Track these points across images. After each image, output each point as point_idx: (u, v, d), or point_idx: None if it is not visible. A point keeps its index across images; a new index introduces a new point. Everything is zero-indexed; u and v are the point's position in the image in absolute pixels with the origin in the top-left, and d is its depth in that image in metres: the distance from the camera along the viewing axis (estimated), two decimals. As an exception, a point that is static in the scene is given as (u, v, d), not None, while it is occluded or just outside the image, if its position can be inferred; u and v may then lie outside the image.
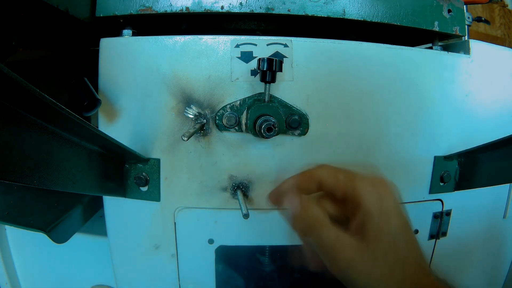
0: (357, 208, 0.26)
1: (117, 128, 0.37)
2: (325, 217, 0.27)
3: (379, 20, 0.38)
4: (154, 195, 0.38)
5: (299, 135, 0.36)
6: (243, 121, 0.36)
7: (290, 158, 0.37)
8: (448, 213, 0.44)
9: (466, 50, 0.42)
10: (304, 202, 0.28)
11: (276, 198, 0.30)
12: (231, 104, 0.35)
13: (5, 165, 0.19)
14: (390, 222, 0.25)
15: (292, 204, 0.28)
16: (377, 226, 0.25)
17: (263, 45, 0.35)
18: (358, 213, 0.26)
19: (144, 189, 0.37)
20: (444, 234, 0.45)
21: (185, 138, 0.31)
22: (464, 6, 0.43)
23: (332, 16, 0.37)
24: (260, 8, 0.36)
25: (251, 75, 0.35)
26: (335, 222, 0.27)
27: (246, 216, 0.32)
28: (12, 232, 0.60)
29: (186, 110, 0.35)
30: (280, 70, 0.32)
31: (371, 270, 0.25)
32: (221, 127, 0.36)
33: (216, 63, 0.35)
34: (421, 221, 0.44)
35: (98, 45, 0.36)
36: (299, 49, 0.36)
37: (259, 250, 0.50)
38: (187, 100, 0.36)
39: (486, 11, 1.09)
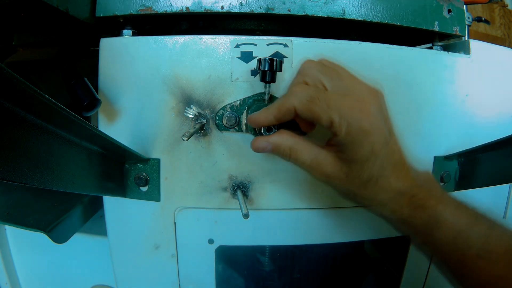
0: (333, 134, 0.28)
1: (117, 128, 0.37)
2: (297, 143, 0.29)
3: (379, 20, 0.38)
4: (154, 195, 0.38)
5: (300, 134, 0.36)
6: (243, 121, 0.36)
7: (290, 158, 0.37)
8: (448, 213, 0.44)
9: (466, 50, 0.42)
10: (274, 140, 0.30)
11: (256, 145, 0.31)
12: (231, 104, 0.35)
13: (5, 165, 0.19)
14: (363, 148, 0.26)
15: (262, 147, 0.30)
16: (350, 152, 0.27)
17: (263, 45, 0.35)
18: (333, 138, 0.28)
19: (144, 189, 0.37)
20: (444, 234, 0.45)
21: (185, 138, 0.31)
22: (464, 6, 0.43)
23: (332, 16, 0.37)
24: (260, 8, 0.36)
25: (251, 75, 0.35)
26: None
27: (246, 216, 0.32)
28: (12, 232, 0.60)
29: (186, 110, 0.35)
30: (280, 70, 0.32)
31: (346, 184, 0.28)
32: (221, 127, 0.36)
33: (216, 63, 0.35)
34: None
35: (98, 45, 0.36)
36: (299, 49, 0.36)
37: (259, 250, 0.50)
38: (187, 100, 0.36)
39: (486, 11, 1.09)
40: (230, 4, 0.35)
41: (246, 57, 0.35)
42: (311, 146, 0.29)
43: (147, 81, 0.35)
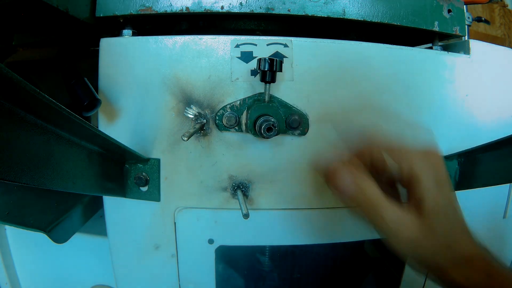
0: (415, 184, 0.26)
1: (117, 128, 0.37)
2: (382, 196, 0.26)
3: (379, 20, 0.38)
4: (154, 195, 0.38)
5: (299, 135, 0.36)
6: (243, 121, 0.36)
7: (290, 158, 0.37)
8: (448, 213, 0.44)
9: (466, 50, 0.42)
10: (360, 181, 0.27)
11: (329, 176, 0.29)
12: (231, 104, 0.35)
13: (5, 165, 0.19)
14: (444, 195, 0.26)
15: (346, 184, 0.27)
16: (434, 200, 0.26)
17: (263, 45, 0.35)
18: (415, 189, 0.26)
19: (144, 189, 0.37)
20: (444, 234, 0.45)
21: (185, 138, 0.31)
22: (464, 6, 0.43)
23: (332, 16, 0.37)
24: (260, 8, 0.36)
25: (251, 75, 0.35)
26: (388, 196, 0.27)
27: (246, 216, 0.32)
28: (12, 232, 0.60)
29: (186, 110, 0.35)
30: (280, 70, 0.32)
31: (429, 244, 0.26)
32: (221, 127, 0.36)
33: (216, 63, 0.35)
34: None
35: (98, 45, 0.36)
36: (299, 49, 0.36)
37: (259, 250, 0.50)
38: (187, 100, 0.36)
39: (486, 11, 1.09)
40: (230, 4, 0.35)
41: (246, 57, 0.35)
42: (394, 204, 0.27)
43: (147, 81, 0.35)
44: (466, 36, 0.45)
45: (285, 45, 0.35)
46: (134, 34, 0.37)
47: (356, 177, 0.27)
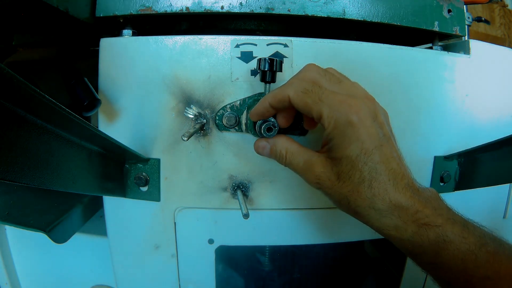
0: (324, 129, 0.28)
1: (117, 128, 0.37)
2: (291, 145, 0.30)
3: (379, 20, 0.38)
4: (154, 195, 0.38)
5: (299, 135, 0.36)
6: (243, 121, 0.36)
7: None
8: (448, 213, 0.44)
9: (466, 50, 0.42)
10: (272, 141, 0.31)
11: (255, 149, 0.33)
12: (231, 104, 0.35)
13: (5, 165, 0.19)
14: (352, 144, 0.26)
15: (262, 147, 0.32)
16: (339, 148, 0.27)
17: (263, 45, 0.35)
18: (324, 136, 0.28)
19: (144, 189, 0.37)
20: (444, 234, 0.45)
21: (185, 138, 0.31)
22: (464, 6, 0.43)
23: (332, 16, 0.37)
24: (260, 8, 0.36)
25: (251, 75, 0.35)
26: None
27: (246, 216, 0.32)
28: (12, 232, 0.60)
29: (186, 110, 0.35)
30: (280, 70, 0.32)
31: (338, 187, 0.27)
32: (221, 127, 0.36)
33: (216, 63, 0.35)
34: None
35: (98, 45, 0.36)
36: (299, 49, 0.36)
37: (259, 250, 0.50)
38: (187, 100, 0.36)
39: (486, 11, 1.09)
40: (230, 4, 0.35)
41: (246, 57, 0.35)
42: (305, 150, 0.30)
43: (147, 81, 0.35)
44: (466, 36, 0.45)
45: (285, 45, 0.35)
46: (134, 34, 0.37)
47: (268, 139, 0.32)
